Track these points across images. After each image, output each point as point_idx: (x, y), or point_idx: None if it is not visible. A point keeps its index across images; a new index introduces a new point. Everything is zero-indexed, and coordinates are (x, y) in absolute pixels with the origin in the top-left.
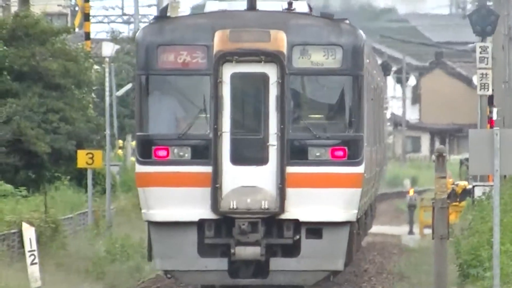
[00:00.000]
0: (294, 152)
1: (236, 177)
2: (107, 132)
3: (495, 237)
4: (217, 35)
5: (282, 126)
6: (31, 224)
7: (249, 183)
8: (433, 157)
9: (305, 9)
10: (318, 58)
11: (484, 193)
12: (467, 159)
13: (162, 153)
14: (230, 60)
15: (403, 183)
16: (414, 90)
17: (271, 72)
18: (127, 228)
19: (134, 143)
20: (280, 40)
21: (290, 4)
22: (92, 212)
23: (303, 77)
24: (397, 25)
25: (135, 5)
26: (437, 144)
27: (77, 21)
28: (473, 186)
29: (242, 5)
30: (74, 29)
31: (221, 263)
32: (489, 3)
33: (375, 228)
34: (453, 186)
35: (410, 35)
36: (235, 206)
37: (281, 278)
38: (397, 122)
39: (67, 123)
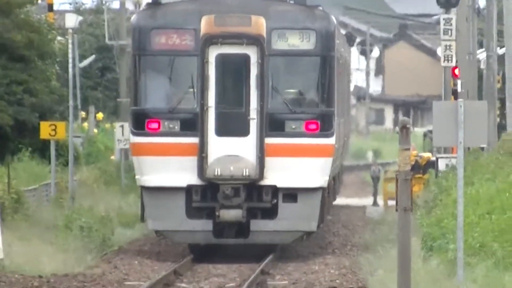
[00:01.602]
0: (272, 125)
1: (220, 147)
2: (70, 103)
3: (459, 209)
4: (204, 19)
5: (261, 102)
6: None
7: (232, 152)
8: (397, 129)
9: None
10: (294, 41)
11: (447, 165)
12: (431, 131)
13: (154, 125)
14: (215, 43)
15: (366, 155)
16: (378, 62)
17: (252, 53)
18: (90, 200)
19: (99, 115)
20: (260, 24)
21: None
22: (55, 184)
23: (280, 58)
24: None
25: None
26: (401, 116)
27: None
28: (437, 158)
29: None
30: (37, 1)
31: (206, 224)
32: None
33: (339, 200)
34: (416, 158)
35: (375, 6)
36: (219, 173)
37: (260, 237)
38: (360, 95)
39: (30, 95)
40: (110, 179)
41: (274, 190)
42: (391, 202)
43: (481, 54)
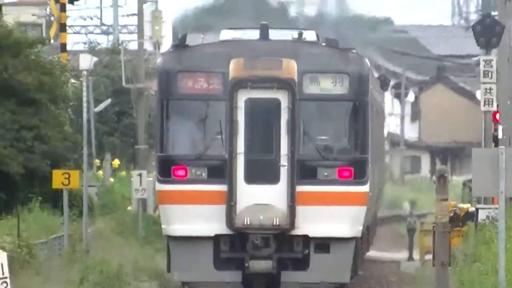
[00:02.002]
0: (304, 172)
1: (249, 195)
2: (85, 150)
3: (500, 264)
4: (233, 62)
5: (292, 148)
6: (3, 249)
7: (261, 201)
8: (434, 178)
9: (313, 38)
10: (327, 85)
11: (488, 217)
12: (470, 181)
13: (181, 172)
14: (244, 87)
15: (402, 206)
16: (414, 106)
17: (283, 97)
18: (105, 253)
19: (115, 161)
20: (291, 68)
21: (300, 34)
22: (68, 236)
23: (312, 103)
24: (396, 36)
25: (114, 15)
26: (438, 164)
27: (52, 31)
28: (477, 209)
29: (254, 34)
30: (49, 40)
31: (235, 276)
32: (494, 13)
33: (372, 254)
34: (455, 209)
35: (410, 47)
36: (248, 222)
37: None
38: (394, 141)
39: (42, 142)
40: (127, 231)
41: (306, 240)
42: (428, 256)
43: None
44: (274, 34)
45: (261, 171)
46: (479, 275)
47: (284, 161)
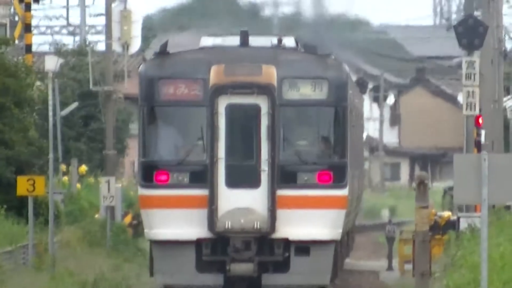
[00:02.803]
0: (284, 177)
1: (230, 199)
2: (51, 156)
3: (482, 275)
4: (213, 69)
5: (272, 153)
6: None
7: (242, 205)
8: (414, 185)
9: (293, 44)
10: (306, 91)
11: (469, 225)
12: (451, 188)
13: (163, 177)
14: (225, 93)
15: (380, 213)
16: (393, 110)
17: (263, 103)
18: (72, 263)
19: (82, 167)
20: (271, 74)
21: (279, 40)
22: (33, 246)
23: (292, 108)
24: (375, 36)
25: (81, 14)
26: (418, 171)
27: (17, 32)
28: (458, 218)
29: (235, 40)
30: (13, 41)
31: (217, 279)
32: (476, 13)
33: (349, 264)
34: (435, 217)
35: (389, 48)
36: (230, 226)
37: None
38: (373, 147)
39: (6, 147)
40: (94, 240)
41: (286, 243)
42: (408, 266)
43: (508, 102)
44: (254, 41)
45: (242, 176)
46: (460, 287)
47: (264, 166)
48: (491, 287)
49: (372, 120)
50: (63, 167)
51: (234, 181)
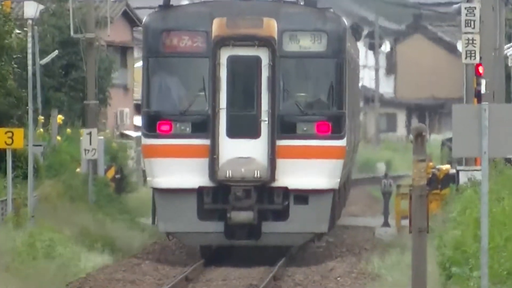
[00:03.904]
0: (284, 127)
1: (231, 149)
2: (30, 106)
3: (482, 230)
4: (215, 22)
5: (272, 104)
6: None
7: (243, 154)
8: (411, 137)
9: None
10: (306, 43)
11: (469, 179)
12: (450, 140)
13: (165, 127)
14: (227, 45)
15: (376, 167)
16: (389, 59)
17: (264, 55)
18: (52, 219)
19: (59, 117)
20: (271, 26)
21: None
22: (11, 200)
23: (292, 60)
24: None
25: None
26: (415, 122)
27: None
28: (457, 171)
29: None
30: None
31: (218, 226)
32: None
33: (344, 220)
34: (433, 170)
35: None
36: (230, 175)
37: (272, 239)
38: (368, 97)
39: None
40: (76, 195)
41: (285, 192)
42: (405, 222)
43: (510, 50)
44: None
45: (243, 126)
46: (460, 243)
47: (264, 116)
48: (492, 243)
49: (367, 69)
50: (40, 118)
51: (235, 131)
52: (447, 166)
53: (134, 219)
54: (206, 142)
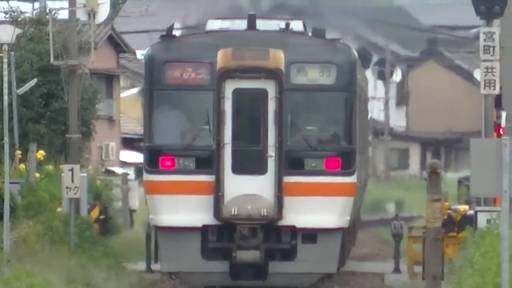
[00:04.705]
0: (291, 163)
1: (237, 185)
2: (6, 140)
3: (503, 277)
4: (220, 53)
5: (280, 138)
6: None
7: (249, 191)
8: (424, 174)
9: (300, 28)
10: (314, 75)
11: (489, 221)
12: (467, 178)
13: (168, 162)
14: (232, 77)
15: (386, 207)
16: (400, 88)
17: (270, 88)
18: (30, 264)
19: (40, 153)
20: (278, 58)
21: (287, 24)
22: None
23: (300, 93)
24: (380, 3)
25: None
26: (429, 158)
27: None
28: (476, 212)
29: (241, 24)
30: None
31: (223, 266)
32: None
33: (351, 265)
34: (450, 211)
35: (395, 16)
36: (236, 213)
37: (279, 280)
38: (378, 130)
39: None
40: (57, 237)
41: (293, 230)
42: (418, 268)
43: None
44: (261, 25)
45: (249, 162)
46: None
47: (271, 152)
48: None
49: (376, 100)
50: (17, 153)
51: (240, 167)
52: (465, 207)
53: (120, 264)
54: (210, 178)
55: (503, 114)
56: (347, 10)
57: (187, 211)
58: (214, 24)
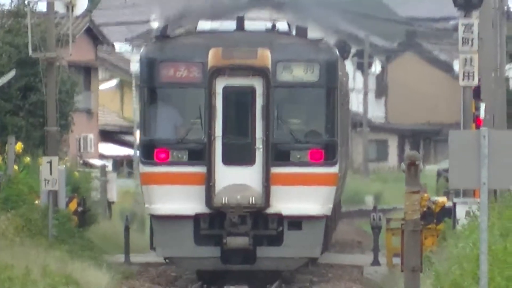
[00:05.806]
0: (278, 155)
1: (227, 176)
2: None
3: (481, 270)
4: (211, 52)
5: (267, 132)
6: None
7: (238, 181)
8: (403, 166)
9: (285, 28)
10: (299, 73)
11: (468, 212)
12: (446, 170)
13: (162, 155)
14: (222, 75)
15: (364, 200)
16: (379, 80)
17: (258, 85)
18: (9, 256)
19: (18, 145)
20: (266, 57)
21: (274, 25)
22: None
23: (285, 89)
24: None
25: None
26: (408, 150)
27: None
28: (454, 204)
29: (231, 25)
30: None
31: (214, 251)
32: None
33: (328, 257)
34: (428, 203)
35: (372, 8)
36: (226, 202)
37: (266, 264)
38: (356, 122)
39: None
40: (35, 229)
41: (280, 218)
42: (396, 260)
43: (511, 70)
44: (249, 25)
45: (238, 154)
46: (457, 284)
47: (259, 144)
48: (492, 283)
49: (356, 91)
50: None
51: (230, 159)
52: (444, 199)
53: (99, 256)
54: (202, 169)
55: (482, 105)
56: (327, 2)
57: (180, 200)
58: (205, 25)
